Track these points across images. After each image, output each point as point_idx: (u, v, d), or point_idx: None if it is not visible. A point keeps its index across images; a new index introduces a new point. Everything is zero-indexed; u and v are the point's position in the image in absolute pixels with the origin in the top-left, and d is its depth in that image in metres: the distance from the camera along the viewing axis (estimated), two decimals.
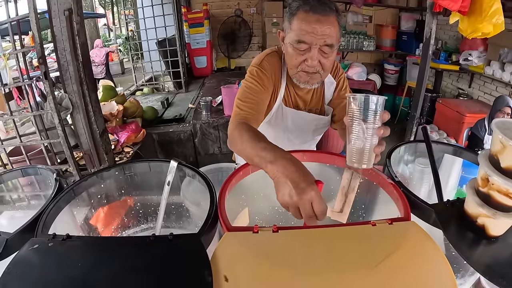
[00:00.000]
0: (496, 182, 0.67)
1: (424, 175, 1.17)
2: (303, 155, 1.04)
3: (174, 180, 0.97)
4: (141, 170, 1.07)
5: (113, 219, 1.14)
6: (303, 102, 1.40)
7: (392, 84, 6.27)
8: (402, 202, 0.79)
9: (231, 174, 0.91)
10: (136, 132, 2.69)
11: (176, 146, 3.10)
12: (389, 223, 0.71)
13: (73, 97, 1.64)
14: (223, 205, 0.77)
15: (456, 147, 1.09)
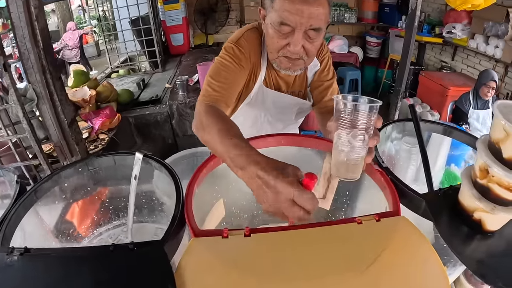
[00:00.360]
0: (497, 174, 0.58)
1: (412, 155, 1.12)
2: (280, 139, 0.96)
3: (144, 170, 0.90)
4: (105, 165, 0.99)
5: (83, 218, 1.07)
6: (286, 84, 1.29)
7: (374, 56, 6.27)
8: (391, 192, 0.72)
9: (200, 166, 0.82)
10: (110, 117, 2.57)
11: (154, 129, 2.99)
12: (377, 220, 0.64)
13: (37, 87, 1.53)
14: (190, 206, 0.68)
15: (446, 126, 1.02)
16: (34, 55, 1.46)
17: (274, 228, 0.63)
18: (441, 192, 0.72)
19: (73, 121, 1.73)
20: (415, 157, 1.12)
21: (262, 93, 1.27)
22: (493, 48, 4.22)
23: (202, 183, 0.80)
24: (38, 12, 1.44)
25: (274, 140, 0.95)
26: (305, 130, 4.15)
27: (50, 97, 1.57)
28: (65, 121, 1.66)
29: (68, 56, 8.13)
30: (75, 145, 1.74)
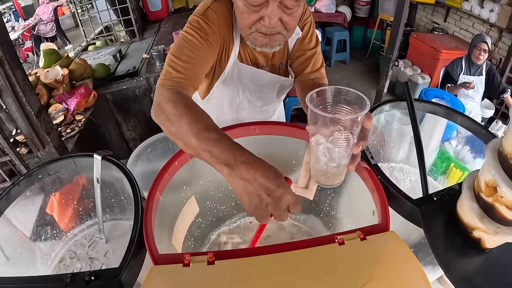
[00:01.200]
0: (508, 196, 0.47)
1: (404, 136, 1.03)
2: (255, 128, 0.86)
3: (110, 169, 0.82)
4: (66, 168, 0.90)
5: (57, 221, 1.01)
6: (264, 58, 1.15)
7: (363, 16, 6.05)
8: (380, 200, 0.63)
9: (162, 170, 0.72)
10: (86, 95, 2.43)
11: (133, 104, 2.85)
12: (362, 238, 0.55)
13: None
14: (150, 228, 0.59)
15: (442, 107, 0.92)
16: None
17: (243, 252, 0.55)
18: (437, 197, 0.63)
19: (41, 110, 1.62)
20: (407, 137, 1.04)
21: (238, 69, 1.12)
22: (488, 12, 4.12)
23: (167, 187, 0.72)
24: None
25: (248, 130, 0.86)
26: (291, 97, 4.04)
27: (12, 89, 1.46)
28: (32, 112, 1.56)
29: (44, 31, 7.82)
30: (46, 135, 1.64)
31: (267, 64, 1.17)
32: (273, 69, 1.18)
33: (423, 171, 0.69)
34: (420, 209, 0.60)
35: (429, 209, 0.61)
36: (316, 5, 5.48)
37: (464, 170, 1.02)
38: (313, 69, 1.13)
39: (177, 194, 0.83)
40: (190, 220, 0.89)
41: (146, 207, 0.63)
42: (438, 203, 0.62)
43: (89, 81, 2.66)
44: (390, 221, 0.59)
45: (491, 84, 3.36)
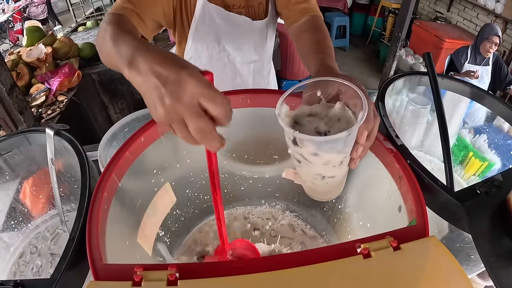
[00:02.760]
0: None
1: (419, 118, 0.90)
2: (246, 97, 0.71)
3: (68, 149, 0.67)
4: (20, 146, 0.76)
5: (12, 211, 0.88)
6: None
7: (364, 3, 5.88)
8: (413, 194, 0.48)
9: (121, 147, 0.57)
10: (69, 75, 2.29)
11: (120, 84, 2.69)
12: (395, 247, 0.39)
13: None
14: (95, 223, 0.44)
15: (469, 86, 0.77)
16: None
17: (221, 267, 0.38)
18: (481, 190, 0.49)
19: (13, 87, 1.48)
20: (423, 120, 0.91)
21: (208, 12, 1.02)
22: (494, 2, 3.99)
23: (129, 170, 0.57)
24: None
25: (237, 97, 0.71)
26: (289, 80, 3.89)
27: None
28: (3, 88, 1.43)
29: (35, 13, 7.60)
30: (19, 115, 1.50)
31: (241, 5, 1.06)
32: (251, 11, 1.07)
33: (449, 158, 0.54)
34: (464, 205, 0.46)
35: (474, 205, 0.46)
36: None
37: (484, 161, 0.89)
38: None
39: (145, 179, 0.68)
40: (164, 212, 0.74)
41: (95, 194, 0.47)
42: (484, 197, 0.47)
43: (74, 61, 2.52)
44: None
45: (497, 75, 3.22)
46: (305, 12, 0.95)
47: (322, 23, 0.92)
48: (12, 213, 0.87)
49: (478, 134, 0.95)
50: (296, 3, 0.97)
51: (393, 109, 0.90)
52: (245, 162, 0.88)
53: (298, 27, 0.94)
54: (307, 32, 0.87)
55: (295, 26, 0.96)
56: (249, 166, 0.89)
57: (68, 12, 9.63)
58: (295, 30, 0.95)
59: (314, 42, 0.79)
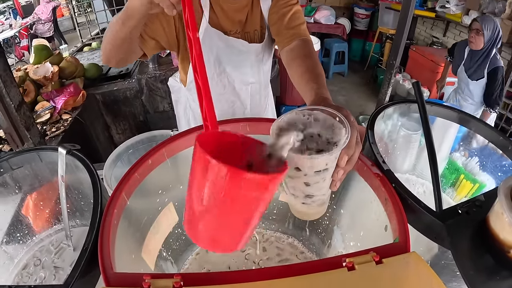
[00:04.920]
0: None
1: (411, 143, 0.94)
2: (246, 125, 0.77)
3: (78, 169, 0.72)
4: (31, 162, 0.80)
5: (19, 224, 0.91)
6: (234, 24, 1.13)
7: (362, 29, 6.01)
8: (396, 212, 0.53)
9: (131, 168, 0.62)
10: (75, 95, 2.34)
11: (123, 106, 2.75)
12: (377, 261, 0.43)
13: None
14: (107, 235, 0.49)
15: (456, 112, 0.83)
16: None
17: (221, 276, 0.43)
18: (462, 209, 0.53)
19: (21, 104, 1.52)
20: (414, 145, 0.95)
21: (209, 36, 1.11)
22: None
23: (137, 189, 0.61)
24: None
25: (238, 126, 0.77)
26: (287, 105, 3.96)
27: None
28: (12, 105, 1.46)
29: (41, 31, 7.76)
30: (26, 131, 1.54)
31: (238, 31, 1.15)
32: (247, 37, 1.16)
33: (437, 180, 0.59)
34: (446, 224, 0.50)
35: (455, 224, 0.50)
36: (315, 16, 5.47)
37: (475, 183, 0.93)
38: (290, 25, 1.07)
39: (151, 199, 0.72)
40: (167, 230, 0.78)
41: (107, 210, 0.52)
42: (465, 217, 0.51)
43: (79, 80, 2.58)
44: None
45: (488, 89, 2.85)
46: (295, 37, 1.04)
47: (312, 48, 1.00)
48: (19, 225, 0.90)
49: (470, 157, 0.98)
50: (287, 28, 1.06)
51: (386, 135, 0.94)
52: None
53: (289, 52, 1.01)
54: (298, 59, 0.94)
55: (286, 50, 1.03)
56: None
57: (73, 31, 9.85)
58: (286, 55, 1.02)
59: (306, 70, 0.86)
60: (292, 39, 1.03)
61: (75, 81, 2.50)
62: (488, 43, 2.72)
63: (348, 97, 5.02)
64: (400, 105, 0.85)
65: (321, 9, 5.51)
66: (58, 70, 2.47)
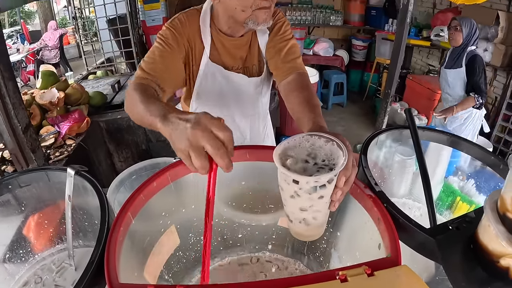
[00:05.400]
0: None
1: (406, 168, 0.98)
2: (245, 152, 0.81)
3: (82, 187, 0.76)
4: (39, 181, 0.83)
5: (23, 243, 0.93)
6: (235, 60, 1.22)
7: (360, 60, 6.16)
8: (388, 231, 0.56)
9: (137, 189, 0.66)
10: (79, 121, 2.39)
11: (126, 134, 2.80)
12: (369, 274, 0.46)
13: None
14: (113, 250, 0.52)
15: (447, 135, 0.88)
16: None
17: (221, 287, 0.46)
18: (453, 226, 0.56)
19: (28, 126, 1.58)
20: (409, 169, 0.99)
21: (210, 71, 1.20)
22: (482, 51, 4.13)
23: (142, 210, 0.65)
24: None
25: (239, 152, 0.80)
26: (287, 136, 4.03)
27: (1, 100, 1.44)
28: (19, 127, 1.52)
29: (48, 57, 7.94)
30: (31, 153, 1.58)
31: (239, 67, 1.24)
32: (247, 71, 1.24)
33: (430, 200, 0.62)
34: (436, 239, 0.53)
35: (446, 239, 0.53)
36: (314, 48, 5.64)
37: (471, 204, 0.96)
38: (286, 59, 1.15)
39: (154, 220, 0.75)
40: (168, 252, 0.80)
41: (113, 227, 0.55)
42: (455, 232, 0.54)
43: (84, 107, 2.63)
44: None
45: (468, 77, 2.85)
46: (292, 71, 1.12)
47: (308, 80, 1.09)
48: (22, 242, 0.92)
49: (467, 179, 1.01)
50: (284, 62, 1.14)
51: (381, 161, 0.98)
52: (243, 211, 0.94)
53: (287, 85, 1.09)
54: (295, 91, 1.02)
55: (284, 83, 1.10)
56: (247, 214, 0.95)
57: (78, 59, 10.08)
58: (284, 88, 1.09)
59: (303, 101, 0.93)
60: (289, 73, 1.11)
61: (80, 108, 2.56)
62: (466, 39, 2.82)
63: (347, 127, 5.08)
64: (392, 131, 0.89)
65: (320, 42, 5.68)
66: (64, 96, 2.52)
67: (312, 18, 5.68)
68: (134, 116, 0.83)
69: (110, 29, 3.98)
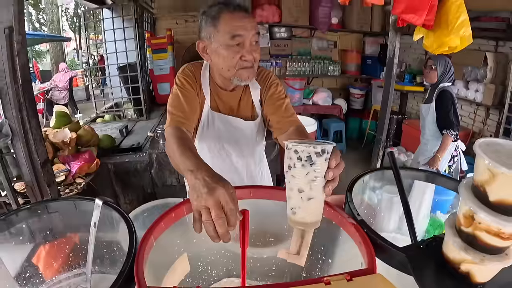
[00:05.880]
0: (485, 220, 0.53)
1: (393, 205, 1.07)
2: (249, 191, 0.92)
3: (106, 217, 0.86)
4: (66, 209, 0.93)
5: (43, 262, 1.00)
6: (235, 109, 1.42)
7: (358, 108, 6.37)
8: (366, 248, 0.67)
9: (159, 218, 0.77)
10: (89, 161, 2.51)
11: (133, 177, 2.92)
12: (348, 279, 0.56)
13: (13, 123, 1.52)
14: (141, 260, 0.62)
15: (427, 172, 0.99)
16: (12, 91, 1.46)
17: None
18: (423, 244, 0.67)
19: (46, 162, 1.69)
20: (397, 206, 1.08)
21: (211, 118, 1.41)
22: (474, 92, 4.32)
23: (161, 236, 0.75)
24: (20, 48, 1.45)
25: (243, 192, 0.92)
26: None
27: (24, 134, 1.55)
28: (38, 161, 1.63)
29: (57, 97, 8.21)
30: (47, 187, 1.68)
31: (235, 113, 1.44)
32: (242, 116, 1.44)
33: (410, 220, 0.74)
34: (407, 255, 0.64)
35: (417, 255, 0.64)
36: (313, 98, 5.84)
37: None
38: (286, 115, 1.35)
39: (170, 246, 0.85)
40: (180, 277, 0.88)
41: (140, 245, 0.65)
42: (425, 249, 0.66)
43: (94, 149, 2.76)
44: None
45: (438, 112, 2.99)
46: (292, 124, 1.32)
47: (305, 130, 1.31)
48: (42, 264, 0.98)
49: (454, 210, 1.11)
50: (284, 117, 1.35)
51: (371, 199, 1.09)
52: None
53: (286, 136, 1.28)
54: (295, 136, 1.23)
55: (284, 135, 1.31)
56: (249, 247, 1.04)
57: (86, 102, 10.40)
58: (284, 138, 1.28)
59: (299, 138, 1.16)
60: (289, 126, 1.31)
61: (90, 149, 2.68)
62: (441, 77, 2.97)
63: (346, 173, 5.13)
64: (375, 172, 1.02)
65: (318, 92, 5.89)
66: (76, 137, 2.66)
67: (311, 69, 5.90)
68: (172, 162, 1.03)
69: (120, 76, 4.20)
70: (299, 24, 5.70)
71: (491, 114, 4.34)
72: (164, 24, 5.69)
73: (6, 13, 1.38)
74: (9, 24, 1.39)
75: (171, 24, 5.66)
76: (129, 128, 3.68)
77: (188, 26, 5.77)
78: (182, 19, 5.72)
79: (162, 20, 5.74)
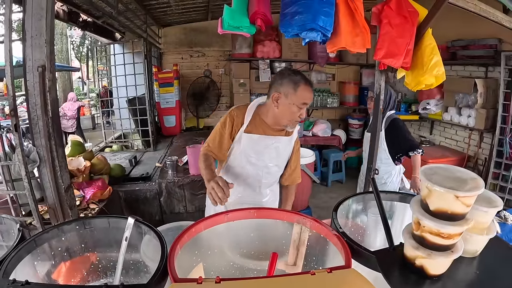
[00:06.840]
0: (427, 224, 0.74)
1: (378, 225, 1.22)
2: (254, 212, 1.09)
3: (133, 237, 1.00)
4: (101, 225, 1.09)
5: (73, 273, 1.13)
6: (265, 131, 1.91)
7: (357, 137, 6.46)
8: (345, 251, 0.83)
9: (184, 230, 0.94)
10: (102, 189, 2.68)
11: (142, 205, 3.08)
12: (328, 272, 0.74)
13: (41, 151, 1.67)
14: (172, 259, 0.79)
15: (404, 194, 1.17)
16: (42, 122, 1.61)
17: (240, 278, 0.77)
18: (391, 249, 0.86)
19: (69, 187, 1.83)
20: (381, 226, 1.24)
21: (242, 138, 1.85)
22: (466, 118, 4.48)
23: (184, 246, 0.91)
24: (51, 85, 1.62)
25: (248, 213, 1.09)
26: None
27: (51, 162, 1.70)
28: (62, 186, 1.77)
29: (65, 126, 8.32)
30: (69, 210, 1.81)
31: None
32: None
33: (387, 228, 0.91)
34: (377, 256, 0.83)
35: (385, 256, 0.83)
36: (313, 129, 6.00)
37: None
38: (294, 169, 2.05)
39: (189, 256, 1.00)
40: None
41: (171, 249, 0.83)
42: (393, 252, 0.85)
43: (106, 177, 2.95)
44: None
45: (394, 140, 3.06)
46: (294, 181, 2.09)
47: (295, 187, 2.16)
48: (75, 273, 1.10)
49: None
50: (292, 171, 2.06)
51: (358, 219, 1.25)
52: (251, 257, 1.19)
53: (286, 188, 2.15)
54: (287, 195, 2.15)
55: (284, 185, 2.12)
56: (254, 260, 1.19)
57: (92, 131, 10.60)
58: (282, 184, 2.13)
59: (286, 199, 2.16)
60: (291, 182, 2.09)
61: (102, 177, 2.87)
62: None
63: None
64: (357, 197, 1.21)
65: (318, 123, 6.06)
66: (90, 165, 2.85)
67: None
68: (200, 170, 1.77)
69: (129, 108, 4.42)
70: (298, 59, 5.97)
71: (485, 138, 4.48)
72: (170, 58, 6.01)
73: (39, 53, 1.56)
74: (42, 63, 1.56)
75: (176, 59, 5.99)
76: (138, 158, 3.86)
77: (193, 61, 6.11)
78: (187, 54, 6.05)
79: (168, 54, 6.06)
